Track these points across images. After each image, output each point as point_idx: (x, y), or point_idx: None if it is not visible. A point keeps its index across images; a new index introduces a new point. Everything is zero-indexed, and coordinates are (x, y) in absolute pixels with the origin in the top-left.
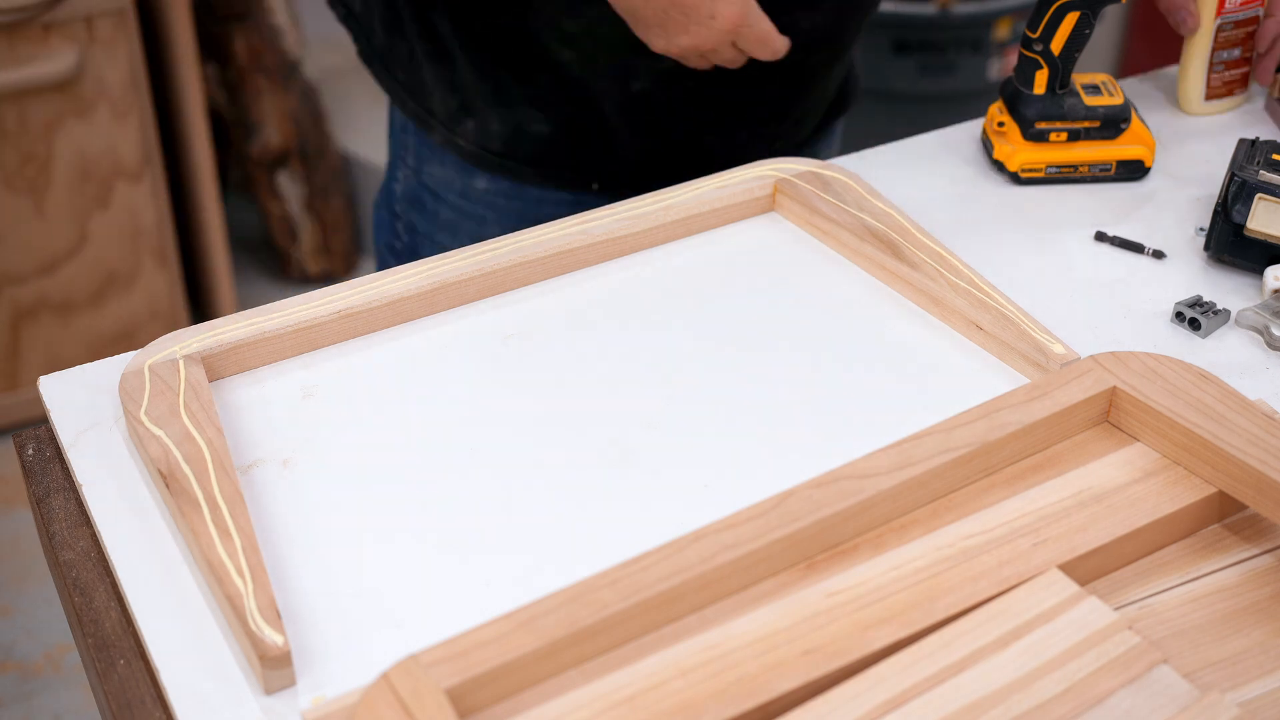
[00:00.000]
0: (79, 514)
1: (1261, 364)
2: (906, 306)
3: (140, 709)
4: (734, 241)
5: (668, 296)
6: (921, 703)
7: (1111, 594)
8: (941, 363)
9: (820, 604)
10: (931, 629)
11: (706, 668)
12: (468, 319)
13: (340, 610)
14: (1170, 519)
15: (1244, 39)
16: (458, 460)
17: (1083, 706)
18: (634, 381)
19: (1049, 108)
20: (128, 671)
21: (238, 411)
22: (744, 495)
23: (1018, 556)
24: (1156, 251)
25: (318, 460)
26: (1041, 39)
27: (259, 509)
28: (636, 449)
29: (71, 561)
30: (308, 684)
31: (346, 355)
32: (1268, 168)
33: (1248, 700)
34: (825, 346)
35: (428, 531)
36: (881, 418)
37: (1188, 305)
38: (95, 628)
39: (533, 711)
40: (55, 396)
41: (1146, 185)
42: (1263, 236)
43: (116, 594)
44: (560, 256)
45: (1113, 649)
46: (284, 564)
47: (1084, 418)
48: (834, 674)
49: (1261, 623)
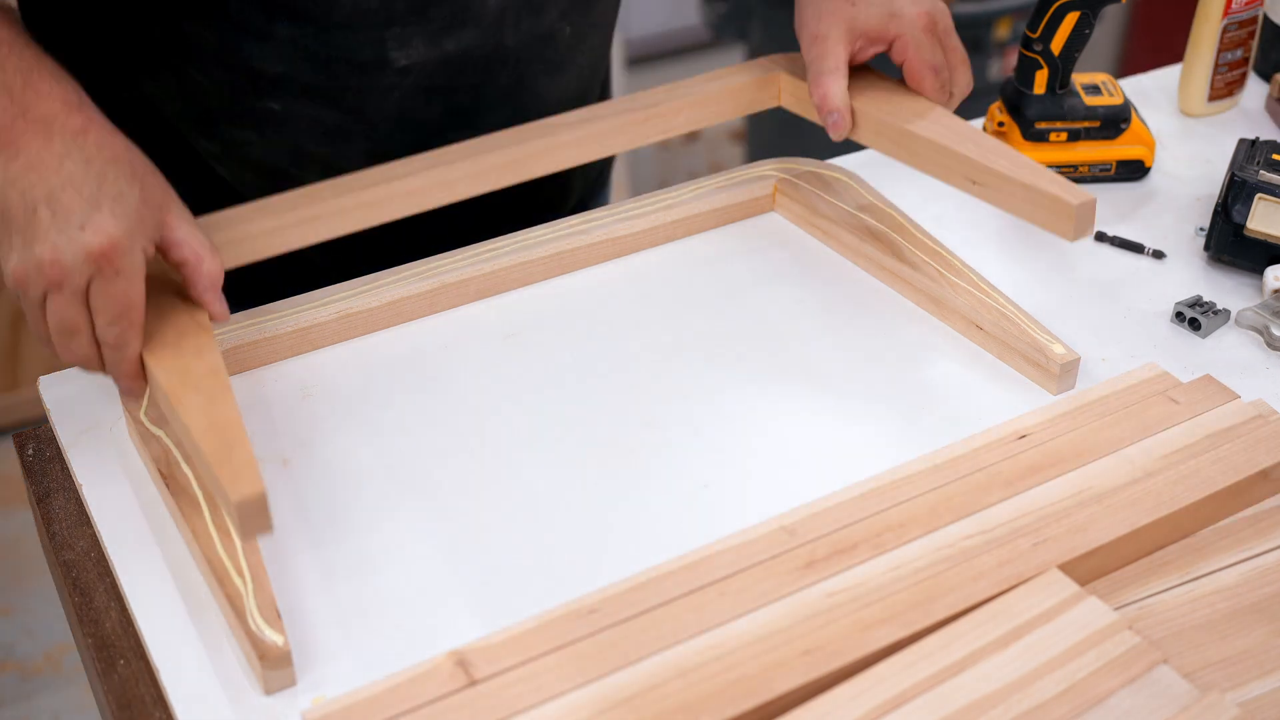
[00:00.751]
0: (79, 514)
1: (1261, 364)
2: (906, 306)
3: (140, 709)
4: (734, 241)
5: (668, 297)
6: (921, 703)
7: (1111, 594)
8: (941, 363)
9: (820, 604)
10: (931, 629)
11: (706, 668)
12: (468, 319)
13: (340, 610)
14: (1170, 519)
15: (1246, 39)
16: (457, 460)
17: (1083, 706)
18: (633, 381)
19: (1049, 108)
20: (128, 671)
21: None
22: (743, 495)
23: (1018, 556)
24: (1156, 251)
25: (318, 460)
26: (1041, 39)
27: None
28: (636, 448)
29: (71, 561)
30: (308, 684)
31: (346, 355)
32: (1268, 168)
33: (1248, 700)
34: (825, 346)
35: (427, 531)
36: (881, 417)
37: (1188, 305)
38: (95, 628)
39: (533, 711)
40: (55, 396)
41: (1146, 185)
42: (1263, 236)
43: (116, 594)
44: (560, 256)
45: (1113, 649)
46: (284, 564)
47: (754, 98)
48: (834, 674)
49: (1261, 623)
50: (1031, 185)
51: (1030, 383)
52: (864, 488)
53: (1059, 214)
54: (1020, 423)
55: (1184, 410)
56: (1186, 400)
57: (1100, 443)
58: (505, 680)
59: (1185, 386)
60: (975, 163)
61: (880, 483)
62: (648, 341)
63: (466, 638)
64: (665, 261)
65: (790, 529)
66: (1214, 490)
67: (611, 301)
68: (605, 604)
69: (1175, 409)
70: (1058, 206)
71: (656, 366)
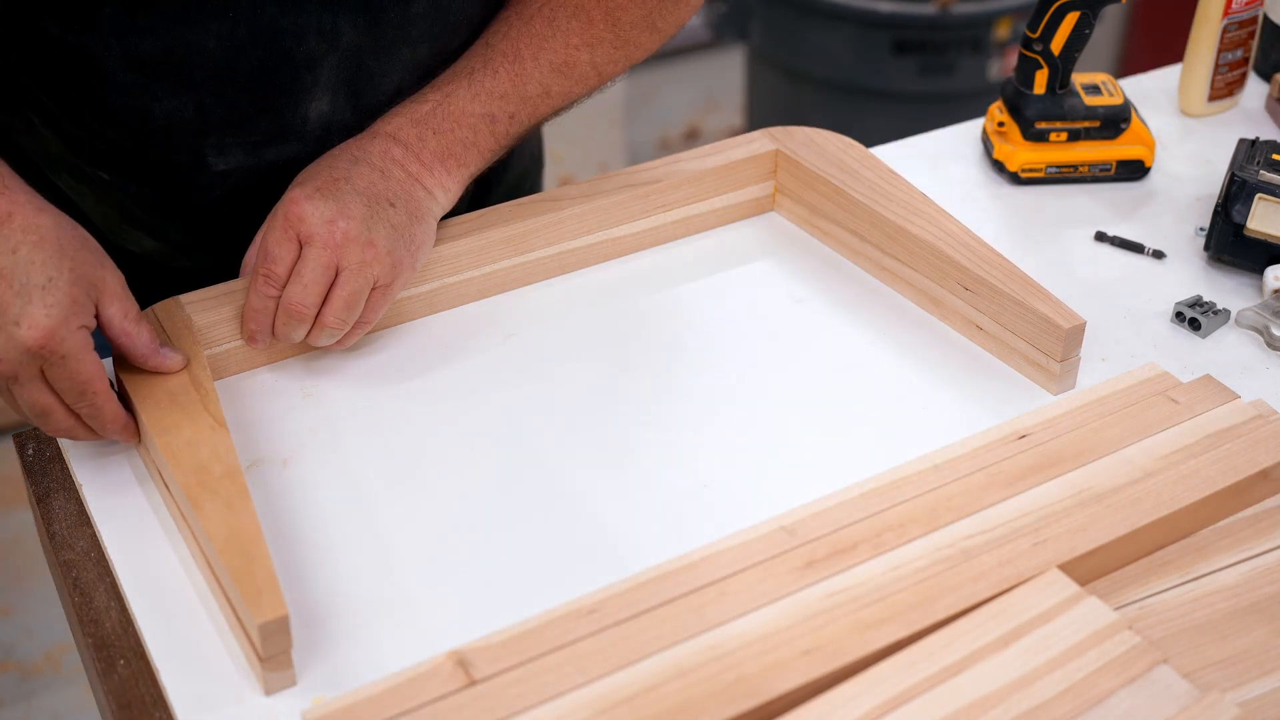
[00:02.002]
0: (79, 514)
1: (1261, 364)
2: (906, 306)
3: (140, 709)
4: (734, 242)
5: (668, 297)
6: (921, 703)
7: (1111, 594)
8: (941, 363)
9: (820, 604)
10: (931, 629)
11: (706, 668)
12: (468, 319)
13: (341, 610)
14: (1170, 519)
15: (1246, 39)
16: (458, 459)
17: (1083, 706)
18: (633, 381)
19: (1049, 108)
20: (128, 671)
21: (238, 411)
22: (742, 495)
23: (1018, 556)
24: (1156, 251)
25: (318, 460)
26: (1041, 39)
27: (259, 509)
28: (635, 448)
29: (71, 561)
30: (308, 684)
31: (347, 355)
32: (1268, 168)
33: (1248, 700)
34: (825, 347)
35: (427, 531)
36: (881, 417)
37: (1188, 305)
38: (95, 628)
39: (533, 711)
40: None
41: (1146, 185)
42: (1263, 236)
43: (116, 594)
44: (560, 256)
45: (1113, 649)
46: (284, 564)
47: (752, 174)
48: (834, 674)
49: (1261, 623)
50: (1022, 302)
51: (1030, 383)
52: (864, 488)
53: (1049, 334)
54: (1020, 423)
55: (1184, 410)
56: (1186, 400)
57: (1100, 443)
58: (505, 680)
59: (1185, 386)
60: (968, 270)
61: (880, 483)
62: (648, 341)
63: (466, 638)
64: (665, 262)
65: (790, 529)
66: (1214, 490)
67: (611, 302)
68: (605, 604)
69: (1175, 409)
70: (1047, 327)
71: (656, 366)
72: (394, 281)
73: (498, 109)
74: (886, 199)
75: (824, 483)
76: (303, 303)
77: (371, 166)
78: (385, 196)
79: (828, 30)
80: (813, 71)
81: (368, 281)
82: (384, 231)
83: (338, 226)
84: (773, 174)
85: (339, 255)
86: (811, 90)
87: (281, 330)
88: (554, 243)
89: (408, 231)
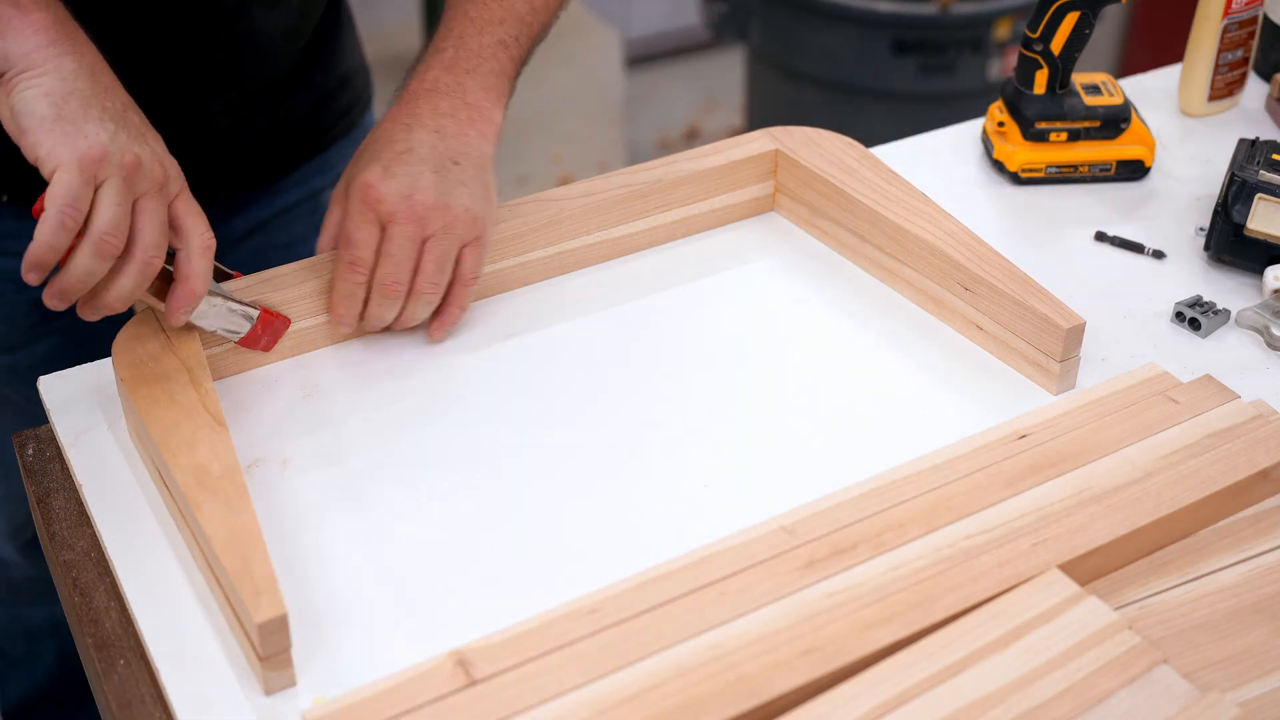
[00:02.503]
0: (79, 514)
1: (1261, 364)
2: (906, 306)
3: (140, 709)
4: (734, 242)
5: (667, 297)
6: (921, 703)
7: (1111, 594)
8: (941, 363)
9: (820, 604)
10: (931, 629)
11: (706, 668)
12: (468, 319)
13: (340, 610)
14: (1170, 519)
15: (1246, 39)
16: (457, 460)
17: (1083, 706)
18: (634, 381)
19: (1049, 108)
20: (128, 671)
21: (238, 411)
22: (743, 495)
23: (1018, 556)
24: (1156, 251)
25: (318, 460)
26: (1041, 39)
27: (259, 509)
28: (636, 448)
29: (71, 561)
30: (308, 684)
31: (347, 355)
32: (1268, 168)
33: (1248, 700)
34: (825, 347)
35: (427, 531)
36: (881, 417)
37: (1188, 305)
38: (95, 628)
39: (533, 711)
40: (55, 396)
41: (1146, 185)
42: (1263, 236)
43: (116, 594)
44: (560, 256)
45: (1113, 649)
46: (284, 564)
47: (752, 173)
48: (834, 674)
49: (1261, 623)
50: (1022, 302)
51: (1030, 383)
52: (864, 488)
53: (1049, 334)
54: (1020, 423)
55: (1184, 410)
56: (1186, 400)
57: (1100, 443)
58: (505, 680)
59: (1185, 386)
60: (968, 270)
61: (880, 483)
62: (648, 341)
63: (466, 638)
64: (665, 262)
65: (790, 529)
66: (1214, 490)
67: (611, 302)
68: (605, 604)
69: (1175, 409)
70: (1047, 327)
71: (656, 366)
72: (481, 235)
73: (505, 34)
74: (886, 199)
75: (824, 483)
76: (397, 280)
77: (426, 129)
78: (449, 156)
79: (827, 30)
80: (812, 71)
81: (454, 244)
82: (458, 192)
83: (416, 200)
84: (773, 174)
85: (423, 227)
86: (811, 90)
87: (374, 311)
88: (553, 243)
89: (477, 183)
